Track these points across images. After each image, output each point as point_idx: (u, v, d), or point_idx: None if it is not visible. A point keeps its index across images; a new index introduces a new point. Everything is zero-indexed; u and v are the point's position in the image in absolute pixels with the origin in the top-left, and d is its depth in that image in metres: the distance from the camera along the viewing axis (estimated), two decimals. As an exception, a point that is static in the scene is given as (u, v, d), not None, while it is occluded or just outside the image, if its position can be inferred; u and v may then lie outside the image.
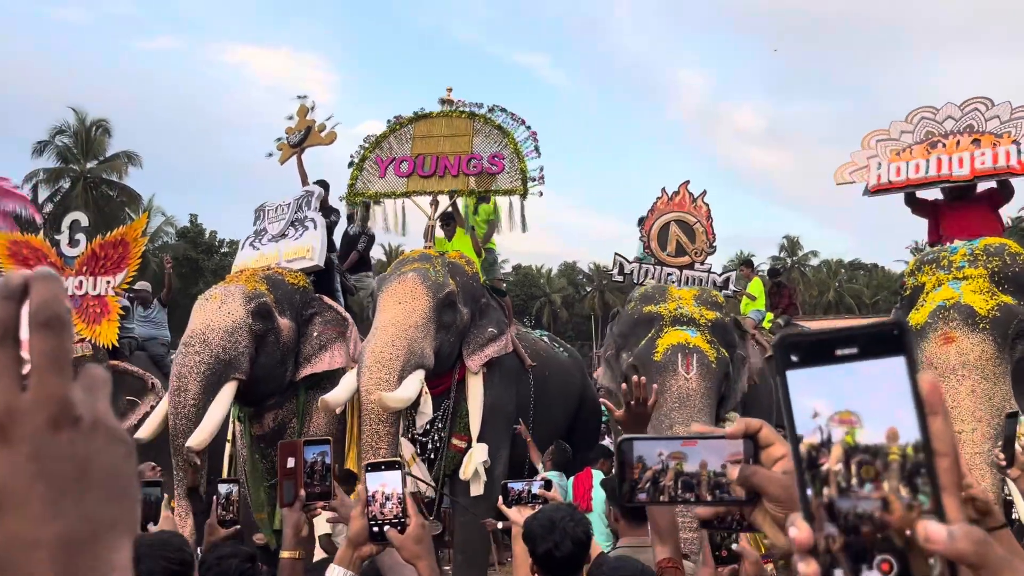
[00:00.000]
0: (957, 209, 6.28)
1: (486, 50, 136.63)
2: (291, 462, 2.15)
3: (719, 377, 5.77)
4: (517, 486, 2.72)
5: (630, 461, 0.90)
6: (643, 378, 2.64)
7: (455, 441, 6.48)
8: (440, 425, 6.48)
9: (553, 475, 5.98)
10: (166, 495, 4.21)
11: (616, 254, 7.45)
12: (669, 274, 6.97)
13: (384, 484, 1.79)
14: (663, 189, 7.32)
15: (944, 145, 6.12)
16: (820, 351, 0.57)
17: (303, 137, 7.98)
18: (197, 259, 37.93)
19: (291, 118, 8.15)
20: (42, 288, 0.47)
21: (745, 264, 11.04)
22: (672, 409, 5.49)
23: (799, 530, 0.57)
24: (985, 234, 5.71)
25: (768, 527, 0.89)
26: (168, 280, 9.40)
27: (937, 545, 0.54)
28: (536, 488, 2.73)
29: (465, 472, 6.32)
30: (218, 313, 6.13)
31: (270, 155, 8.16)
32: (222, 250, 39.14)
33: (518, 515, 2.62)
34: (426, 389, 6.09)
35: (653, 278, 7.03)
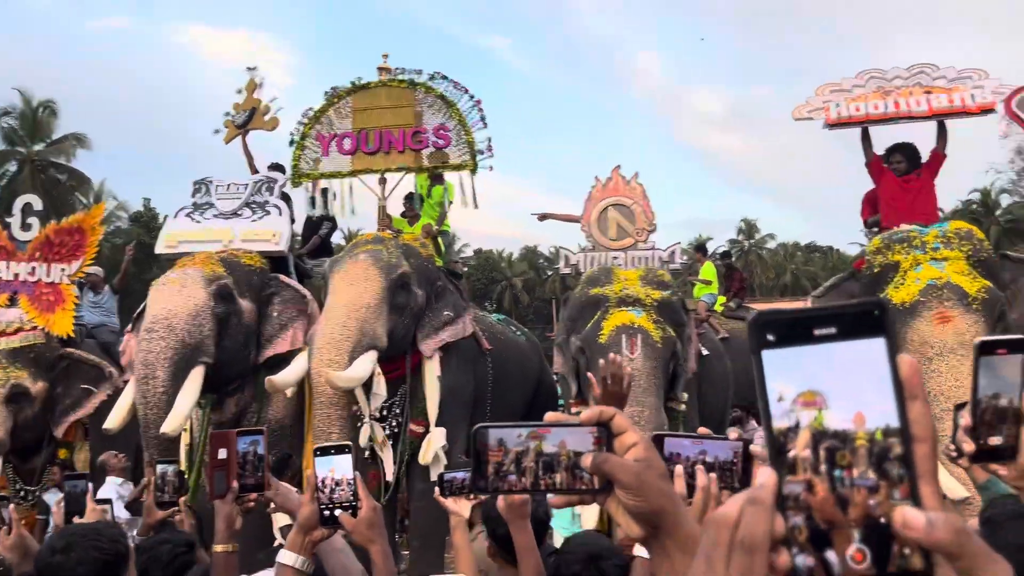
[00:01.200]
0: (910, 183, 6.37)
1: (446, 32, 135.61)
2: (223, 453, 2.12)
3: (666, 357, 5.76)
4: (458, 475, 2.70)
5: (490, 446, 0.88)
6: (618, 356, 2.61)
7: (413, 426, 6.42)
8: (397, 410, 6.42)
9: None
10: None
11: (560, 247, 7.48)
12: (615, 258, 6.97)
13: (333, 469, 1.79)
14: (596, 177, 7.28)
15: (898, 91, 6.37)
16: (797, 330, 0.54)
17: (247, 118, 7.84)
18: (151, 244, 36.98)
19: (240, 92, 7.96)
20: None
21: (698, 249, 11.11)
22: None
23: (764, 473, 0.56)
24: (932, 219, 5.89)
25: (621, 516, 0.87)
26: (125, 268, 9.22)
27: (915, 532, 0.52)
28: None
29: (424, 457, 6.27)
30: (179, 297, 6.02)
31: (216, 132, 8.01)
32: (174, 233, 38.24)
33: (455, 505, 2.60)
34: (379, 370, 6.04)
35: (599, 265, 7.02)
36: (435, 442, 6.26)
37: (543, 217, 8.16)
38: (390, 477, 6.29)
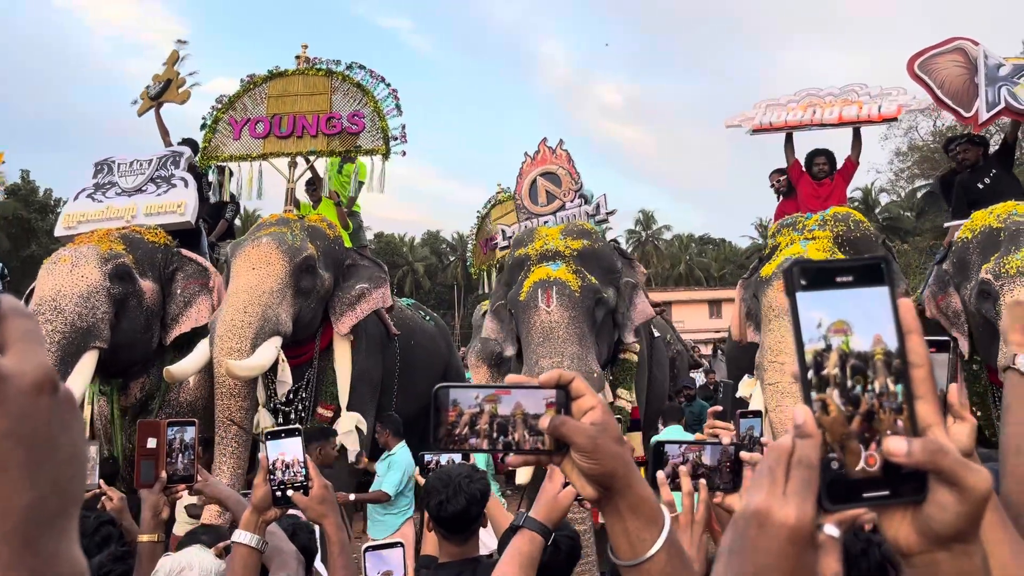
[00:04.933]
0: (822, 187, 7.04)
1: (349, 11, 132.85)
2: (152, 442, 2.12)
3: (587, 305, 5.67)
4: (441, 458, 2.74)
5: (445, 406, 0.90)
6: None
7: (320, 410, 6.33)
8: (304, 395, 6.31)
9: (401, 447, 5.99)
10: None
11: (498, 223, 7.56)
12: (545, 221, 7.01)
13: (284, 452, 1.86)
14: (525, 153, 7.42)
15: (822, 105, 7.10)
16: (824, 277, 0.67)
17: (162, 90, 7.63)
18: (30, 219, 35.09)
19: (164, 64, 7.81)
20: (6, 297, 0.49)
21: None
22: (538, 344, 5.44)
23: (801, 413, 0.66)
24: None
25: (575, 478, 0.91)
26: None
27: (898, 458, 0.63)
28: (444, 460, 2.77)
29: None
30: (70, 277, 5.67)
31: (134, 103, 7.79)
32: (58, 210, 36.32)
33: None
34: (283, 357, 5.89)
35: None
36: (345, 425, 6.20)
37: None
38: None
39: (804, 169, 7.15)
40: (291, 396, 6.26)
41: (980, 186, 6.47)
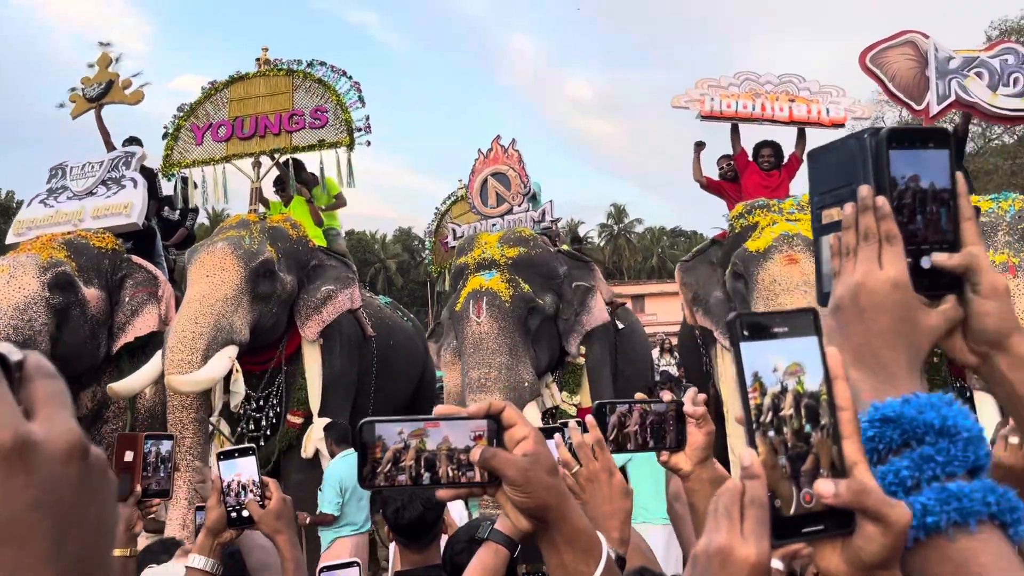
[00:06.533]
0: (771, 178, 7.12)
1: (314, 6, 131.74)
2: (129, 455, 2.10)
3: (518, 315, 5.70)
4: None
5: (370, 442, 0.88)
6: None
7: (291, 417, 6.19)
8: (274, 401, 6.16)
9: (348, 452, 5.52)
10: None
11: (453, 220, 7.53)
12: (493, 224, 7.04)
13: (238, 472, 1.81)
14: (479, 150, 7.42)
15: (767, 95, 7.16)
16: (764, 328, 0.71)
17: (103, 91, 7.50)
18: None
19: (92, 66, 7.63)
20: (32, 355, 0.47)
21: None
22: (468, 355, 5.51)
23: (748, 456, 0.69)
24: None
25: (510, 510, 0.90)
26: None
27: (826, 499, 0.69)
28: None
29: (305, 450, 6.05)
30: (7, 288, 5.51)
31: (61, 106, 7.62)
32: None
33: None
34: (237, 367, 5.74)
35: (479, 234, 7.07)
36: (316, 433, 6.01)
37: None
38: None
39: (751, 159, 7.27)
40: (261, 403, 6.13)
41: None
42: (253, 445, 1.91)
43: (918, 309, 0.80)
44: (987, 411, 4.21)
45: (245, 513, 1.80)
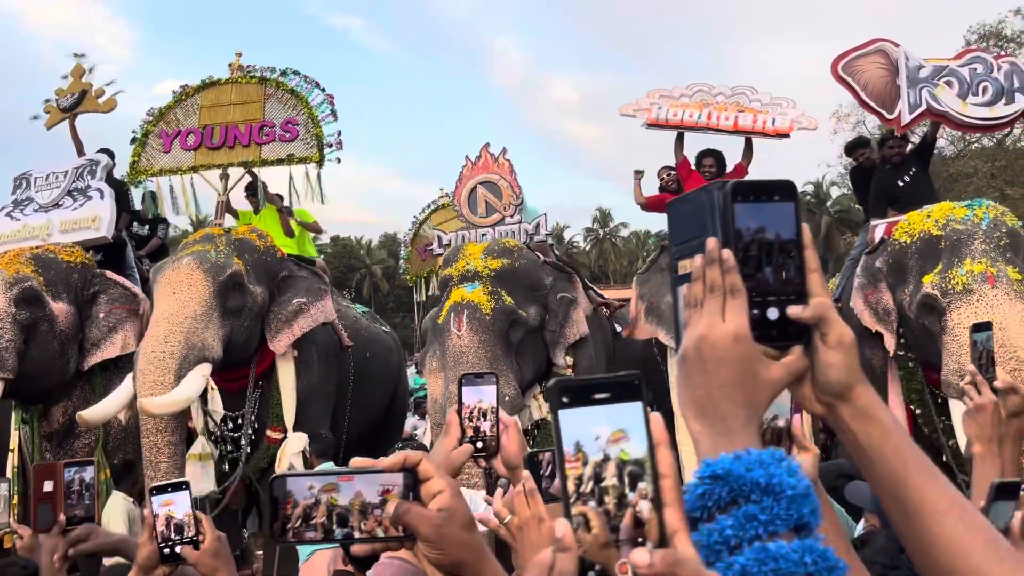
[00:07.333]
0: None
1: (300, 11, 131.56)
2: (48, 485, 2.04)
3: (499, 327, 5.67)
4: None
5: (281, 497, 0.86)
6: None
7: (270, 433, 6.07)
8: (252, 418, 6.03)
9: (328, 466, 5.68)
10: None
11: (434, 228, 7.49)
12: (484, 234, 6.95)
13: (171, 507, 1.76)
14: (467, 156, 7.35)
15: (715, 106, 7.22)
16: (585, 395, 0.69)
17: (76, 101, 7.45)
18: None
19: (66, 77, 7.58)
20: None
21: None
22: (449, 369, 5.46)
23: (562, 527, 0.68)
24: None
25: (426, 565, 0.89)
26: None
27: (641, 570, 0.65)
28: None
29: (280, 465, 5.89)
30: None
31: (35, 118, 7.56)
32: None
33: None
34: (212, 384, 5.66)
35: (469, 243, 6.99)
36: (291, 448, 5.91)
37: None
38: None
39: (693, 167, 7.24)
40: (239, 420, 6.01)
41: (901, 183, 6.59)
42: (188, 480, 1.86)
43: (759, 362, 0.80)
44: (960, 419, 4.20)
45: (178, 549, 1.74)
